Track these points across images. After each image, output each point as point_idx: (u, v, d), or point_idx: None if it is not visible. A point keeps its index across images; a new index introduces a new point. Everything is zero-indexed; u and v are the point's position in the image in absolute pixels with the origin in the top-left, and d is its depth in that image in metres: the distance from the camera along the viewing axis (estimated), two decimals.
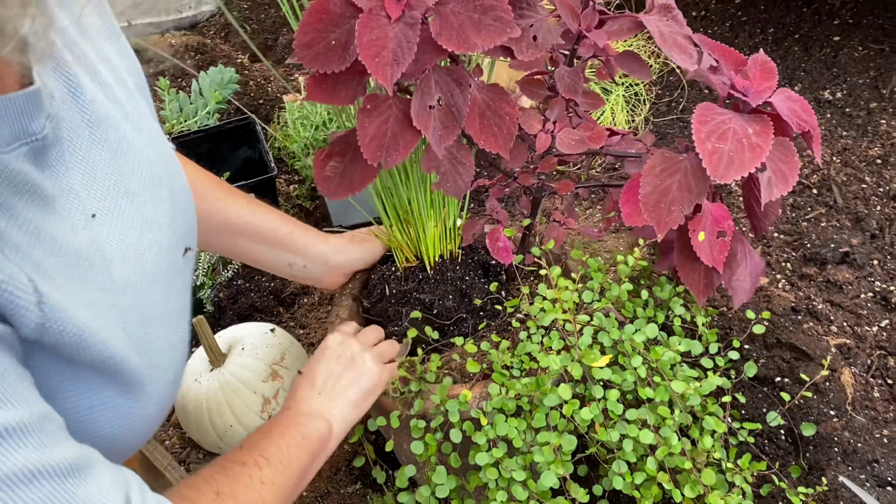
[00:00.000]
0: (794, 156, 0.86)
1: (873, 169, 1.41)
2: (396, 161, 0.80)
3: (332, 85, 0.81)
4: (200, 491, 0.69)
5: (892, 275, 1.26)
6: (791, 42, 1.66)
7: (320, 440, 0.84)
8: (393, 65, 0.72)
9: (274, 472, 0.76)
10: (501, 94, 0.82)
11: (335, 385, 0.90)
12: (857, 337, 1.19)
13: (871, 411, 1.08)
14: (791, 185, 0.85)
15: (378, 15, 0.74)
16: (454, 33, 0.73)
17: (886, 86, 1.51)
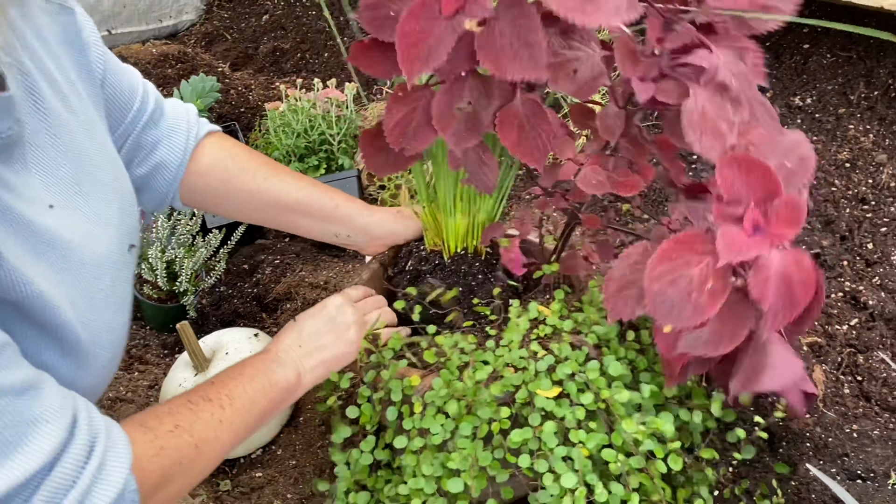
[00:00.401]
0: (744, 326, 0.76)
1: (842, 172, 1.45)
2: (416, 149, 0.84)
3: (375, 56, 0.83)
4: (161, 420, 0.74)
5: (862, 275, 1.30)
6: (762, 48, 1.70)
7: (287, 389, 0.90)
8: (425, 61, 0.73)
9: (234, 413, 0.81)
10: (542, 111, 0.83)
11: (316, 342, 0.95)
12: (827, 336, 1.22)
13: (841, 407, 1.12)
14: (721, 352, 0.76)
15: (431, 7, 0.74)
16: (492, 53, 0.74)
17: (854, 92, 1.55)
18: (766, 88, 1.64)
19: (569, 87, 0.81)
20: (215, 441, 0.78)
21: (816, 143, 1.51)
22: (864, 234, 1.36)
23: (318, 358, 0.95)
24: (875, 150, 1.46)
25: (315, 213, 1.07)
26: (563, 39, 0.79)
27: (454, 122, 0.81)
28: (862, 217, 1.38)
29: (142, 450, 0.69)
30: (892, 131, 1.48)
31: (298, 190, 1.05)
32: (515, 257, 0.99)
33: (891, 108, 1.51)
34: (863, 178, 1.43)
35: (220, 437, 0.79)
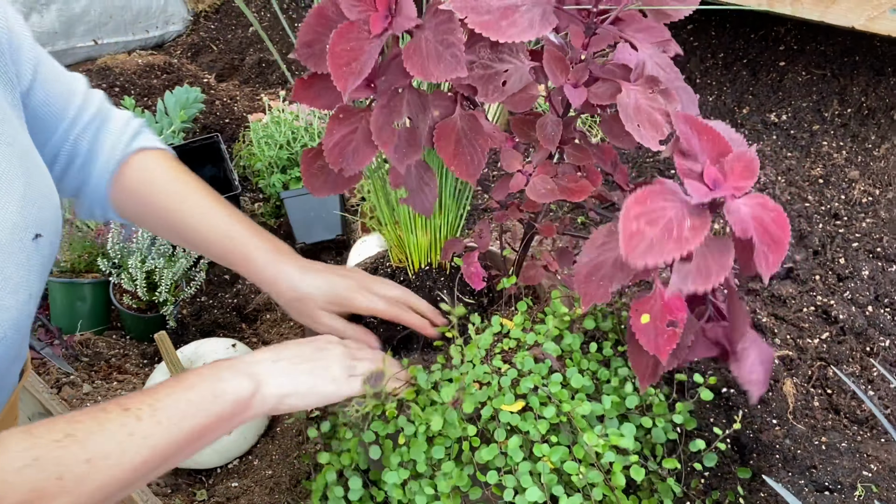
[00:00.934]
0: (728, 258, 0.78)
1: (816, 188, 1.48)
2: (355, 169, 0.84)
3: (317, 89, 0.85)
4: (52, 428, 0.66)
5: (833, 290, 1.32)
6: (740, 66, 1.73)
7: (236, 402, 0.77)
8: (356, 76, 0.76)
9: (154, 426, 0.71)
10: (479, 126, 0.86)
11: (294, 366, 0.85)
12: (798, 349, 1.24)
13: (810, 420, 1.13)
14: (712, 285, 0.77)
15: (360, 29, 0.77)
16: (419, 60, 0.76)
17: (828, 109, 1.58)
18: (744, 104, 1.67)
19: (498, 97, 0.83)
20: (119, 456, 0.68)
21: (791, 158, 1.53)
22: (836, 249, 1.38)
23: (290, 380, 0.84)
24: (848, 167, 1.49)
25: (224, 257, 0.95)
26: (492, 52, 0.81)
27: (394, 137, 0.83)
28: (834, 232, 1.41)
29: (8, 460, 0.62)
30: (865, 148, 1.51)
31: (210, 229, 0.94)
32: (475, 271, 1.00)
33: (863, 126, 1.54)
34: (835, 194, 1.46)
35: (126, 452, 0.68)
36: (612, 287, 0.85)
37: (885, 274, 1.33)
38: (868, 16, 1.33)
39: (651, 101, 0.83)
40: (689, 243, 0.74)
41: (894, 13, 1.30)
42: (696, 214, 0.77)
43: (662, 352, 0.85)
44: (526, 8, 0.76)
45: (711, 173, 0.80)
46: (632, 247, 0.74)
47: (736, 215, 0.78)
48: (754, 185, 1.49)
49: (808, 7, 1.38)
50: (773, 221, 0.79)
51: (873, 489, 1.02)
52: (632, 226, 0.75)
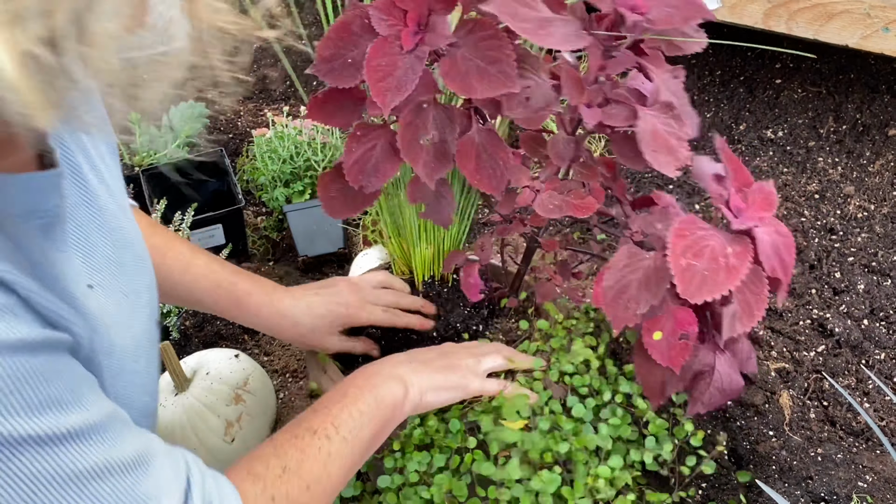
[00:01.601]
0: (764, 287, 0.80)
1: (812, 203, 1.50)
2: (376, 186, 0.86)
3: (332, 107, 0.86)
4: (269, 465, 0.70)
5: (829, 303, 1.34)
6: (737, 84, 1.75)
7: (394, 405, 0.82)
8: (395, 91, 0.77)
9: (342, 443, 0.75)
10: (498, 140, 0.87)
11: (424, 364, 0.88)
12: (795, 361, 1.25)
13: (806, 431, 1.14)
14: (757, 320, 0.79)
15: (392, 44, 0.78)
16: (459, 77, 0.77)
17: (823, 126, 1.60)
18: (741, 121, 1.69)
19: (522, 112, 0.84)
20: (327, 478, 0.73)
21: (787, 174, 1.56)
22: (832, 264, 1.40)
23: (429, 379, 0.87)
24: (843, 182, 1.51)
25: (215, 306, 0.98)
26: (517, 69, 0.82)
27: (423, 152, 0.84)
28: (830, 247, 1.43)
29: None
30: (860, 164, 1.53)
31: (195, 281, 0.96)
32: (473, 283, 1.01)
33: (858, 142, 1.56)
34: (831, 209, 1.48)
35: (330, 472, 0.74)
36: (640, 308, 0.86)
37: (881, 288, 1.34)
38: (861, 34, 1.35)
39: (666, 125, 0.84)
40: (738, 272, 0.76)
41: (887, 32, 1.33)
42: (735, 241, 0.79)
43: (676, 363, 0.87)
44: (560, 23, 0.79)
45: (736, 201, 0.83)
46: (686, 282, 0.76)
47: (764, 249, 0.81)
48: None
49: (803, 25, 1.40)
50: (785, 247, 0.83)
51: (868, 500, 1.03)
52: (681, 262, 0.77)
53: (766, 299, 0.79)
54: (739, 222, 0.78)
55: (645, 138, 0.79)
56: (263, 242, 1.74)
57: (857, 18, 1.34)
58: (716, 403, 0.93)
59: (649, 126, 0.80)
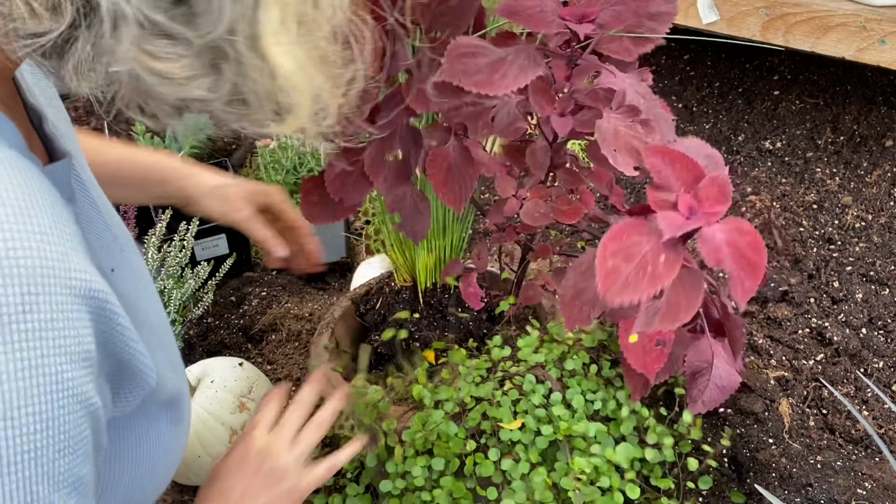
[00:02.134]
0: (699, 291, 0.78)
1: (810, 214, 1.51)
2: (354, 200, 0.88)
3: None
4: None
5: (828, 312, 1.35)
6: (735, 95, 1.77)
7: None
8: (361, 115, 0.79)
9: None
10: (469, 157, 0.89)
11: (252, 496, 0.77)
12: (794, 370, 1.26)
13: (806, 439, 1.15)
14: (680, 323, 0.77)
15: None
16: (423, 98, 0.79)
17: (821, 137, 1.62)
18: (739, 132, 1.71)
19: (487, 133, 0.86)
20: None
21: (785, 184, 1.57)
22: (830, 273, 1.41)
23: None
24: (841, 193, 1.53)
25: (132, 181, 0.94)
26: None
27: (384, 169, 0.85)
28: (828, 256, 1.44)
29: None
30: (857, 175, 1.55)
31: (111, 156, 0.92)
32: (473, 292, 1.03)
33: (856, 153, 1.57)
34: (829, 219, 1.49)
35: None
36: (593, 313, 0.88)
37: (879, 297, 1.35)
38: (858, 47, 1.37)
39: (630, 128, 0.86)
40: (661, 280, 0.75)
41: (883, 44, 1.35)
42: (671, 248, 0.77)
43: (650, 370, 0.88)
44: (512, 58, 0.79)
45: (686, 201, 0.80)
46: (607, 284, 0.75)
47: (710, 244, 0.78)
48: (750, 210, 1.53)
49: (800, 38, 1.42)
50: (748, 246, 0.78)
51: None
52: (608, 263, 0.76)
53: (697, 303, 0.77)
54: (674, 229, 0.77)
55: (606, 138, 0.80)
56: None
57: (854, 31, 1.36)
58: (716, 401, 0.93)
59: (611, 127, 0.82)
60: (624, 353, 0.87)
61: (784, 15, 1.43)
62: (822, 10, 1.39)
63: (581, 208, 0.98)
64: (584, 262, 0.89)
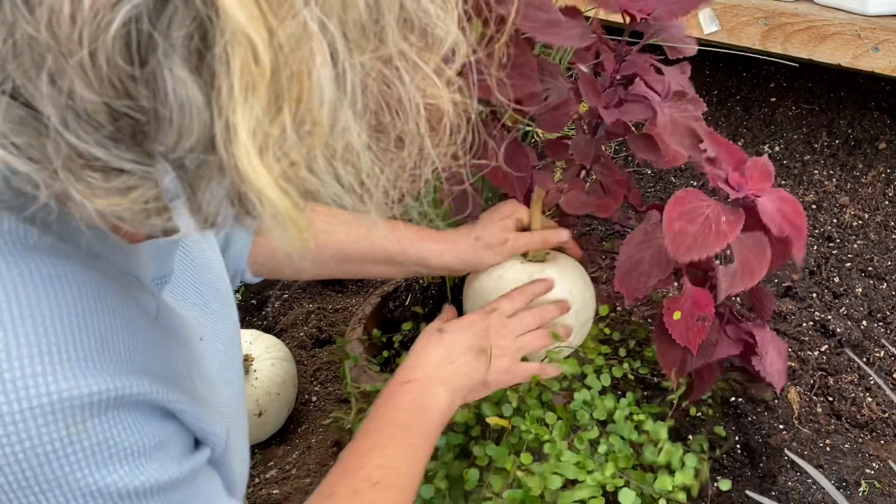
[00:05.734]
0: (766, 251, 0.86)
1: (809, 213, 1.58)
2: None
3: None
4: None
5: (830, 306, 1.41)
6: (733, 102, 1.85)
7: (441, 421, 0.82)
8: None
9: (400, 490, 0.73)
10: (520, 147, 0.95)
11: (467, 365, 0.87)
12: (800, 360, 1.33)
13: (814, 424, 1.21)
14: (756, 280, 0.85)
15: None
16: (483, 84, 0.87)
17: (818, 141, 1.70)
18: (738, 138, 1.78)
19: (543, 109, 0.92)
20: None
21: (785, 186, 1.64)
22: (830, 269, 1.48)
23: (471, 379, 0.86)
24: (838, 193, 1.60)
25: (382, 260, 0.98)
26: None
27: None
28: (828, 253, 1.51)
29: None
30: (853, 176, 1.62)
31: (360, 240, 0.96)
32: None
33: (851, 156, 1.65)
34: (828, 219, 1.56)
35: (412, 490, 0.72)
36: (650, 282, 0.95)
37: (877, 291, 1.42)
38: (853, 54, 1.45)
39: (683, 112, 0.92)
40: (727, 237, 0.83)
41: (877, 52, 1.42)
42: (731, 211, 0.86)
43: (693, 343, 0.94)
44: (567, 25, 0.88)
45: (735, 178, 0.90)
46: (677, 244, 0.83)
47: (768, 214, 0.88)
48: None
49: (798, 47, 1.50)
50: (793, 212, 0.90)
51: (876, 485, 1.09)
52: (674, 225, 0.84)
53: (767, 260, 0.85)
54: (737, 194, 0.86)
55: (667, 129, 0.87)
56: None
57: (849, 39, 1.44)
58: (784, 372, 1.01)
59: (668, 118, 0.88)
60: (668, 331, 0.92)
61: (783, 24, 1.50)
62: (819, 19, 1.47)
63: (612, 203, 1.04)
64: (638, 236, 0.94)
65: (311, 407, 1.37)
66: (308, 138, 0.36)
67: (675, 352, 0.96)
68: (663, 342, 0.96)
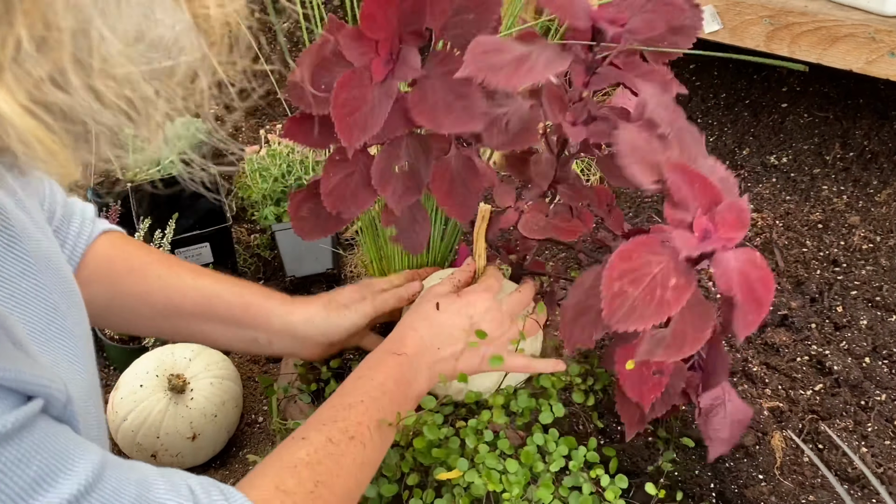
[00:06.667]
0: (707, 324, 0.74)
1: (814, 233, 1.44)
2: (355, 213, 0.85)
3: (309, 127, 0.83)
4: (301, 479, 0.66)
5: (829, 339, 1.28)
6: (741, 107, 1.70)
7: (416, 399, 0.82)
8: (363, 129, 0.75)
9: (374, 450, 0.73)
10: (473, 167, 0.85)
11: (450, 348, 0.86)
12: (790, 400, 1.19)
13: (798, 476, 1.08)
14: (684, 355, 0.73)
15: (362, 75, 0.76)
16: (427, 109, 0.75)
17: (830, 153, 1.55)
18: (744, 146, 1.64)
19: (503, 140, 0.81)
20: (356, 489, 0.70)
21: (790, 202, 1.50)
22: (834, 297, 1.34)
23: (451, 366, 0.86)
24: (848, 212, 1.45)
25: (219, 316, 0.89)
26: (490, 101, 0.79)
27: (393, 181, 0.82)
28: (833, 279, 1.37)
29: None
30: (867, 193, 1.47)
31: (197, 289, 0.88)
32: None
33: (865, 171, 1.50)
34: (835, 240, 1.42)
35: (360, 482, 0.72)
36: (596, 334, 0.83)
37: (885, 324, 1.28)
38: (866, 59, 1.30)
39: (647, 142, 0.80)
40: (670, 307, 0.70)
41: (893, 56, 1.28)
42: (682, 272, 0.73)
43: (646, 400, 0.84)
44: (537, 53, 0.75)
45: (702, 224, 0.76)
46: (612, 309, 0.71)
47: (723, 268, 0.74)
48: (752, 228, 1.46)
49: (806, 49, 1.35)
50: (758, 280, 0.75)
51: None
52: (614, 286, 0.71)
53: (705, 337, 0.72)
54: (691, 248, 0.72)
55: (624, 150, 0.75)
56: (255, 261, 1.72)
57: (863, 42, 1.29)
58: (736, 437, 0.89)
59: (629, 137, 0.77)
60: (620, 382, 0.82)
61: (789, 24, 1.36)
62: (830, 19, 1.32)
63: (580, 227, 0.93)
64: (588, 279, 0.84)
65: (255, 429, 1.28)
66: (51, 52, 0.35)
67: (633, 404, 0.85)
68: (621, 391, 0.85)
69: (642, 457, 1.04)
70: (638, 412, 0.88)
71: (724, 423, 0.86)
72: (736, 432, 0.87)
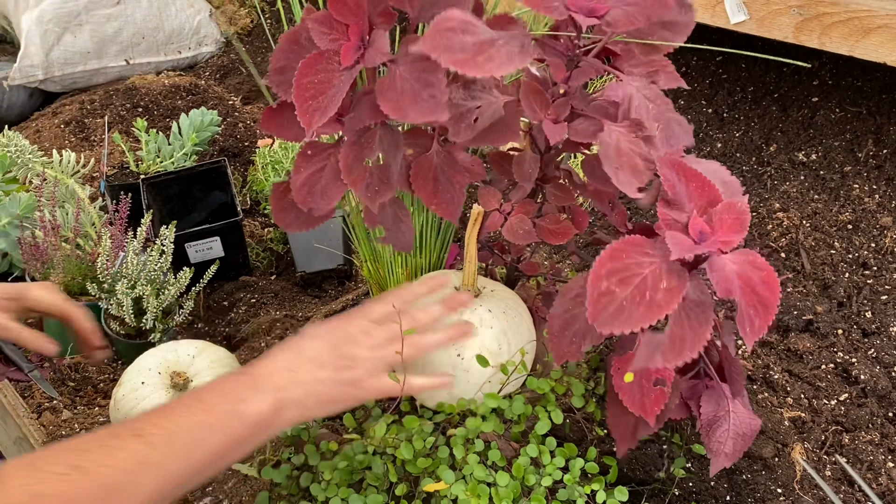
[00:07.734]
0: (707, 326, 0.69)
1: (843, 234, 1.37)
2: (325, 208, 0.80)
3: (284, 119, 0.79)
4: (56, 460, 0.63)
5: (857, 346, 1.22)
6: (770, 101, 1.64)
7: (258, 423, 0.73)
8: (321, 112, 0.71)
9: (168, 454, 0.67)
10: (456, 162, 0.81)
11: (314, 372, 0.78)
12: (813, 410, 1.14)
13: (819, 491, 1.03)
14: (684, 360, 0.68)
15: (330, 59, 0.72)
16: (394, 98, 0.70)
17: (862, 149, 1.48)
18: (772, 142, 1.57)
19: (468, 135, 0.76)
20: (134, 488, 0.64)
21: (818, 201, 1.43)
22: (862, 302, 1.28)
23: (311, 390, 0.77)
24: (880, 212, 1.38)
25: None
26: (464, 91, 0.74)
27: (365, 175, 0.77)
28: (862, 283, 1.30)
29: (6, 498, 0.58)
30: None
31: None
32: None
33: None
34: (865, 242, 1.35)
35: (140, 482, 0.65)
36: (585, 346, 0.78)
37: None
38: None
39: (633, 144, 0.75)
40: (661, 309, 0.66)
41: None
42: (675, 274, 0.68)
43: (650, 413, 0.78)
44: (503, 42, 0.69)
45: (697, 225, 0.72)
46: (598, 310, 0.66)
47: (720, 273, 0.69)
48: (777, 229, 1.40)
49: (837, 41, 1.29)
50: (762, 282, 0.70)
51: None
52: (601, 285, 0.67)
53: (706, 339, 0.67)
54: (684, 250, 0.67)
55: (608, 154, 0.71)
56: (268, 255, 1.70)
57: None
58: (740, 452, 0.84)
59: (613, 142, 0.72)
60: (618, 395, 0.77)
61: (820, 15, 1.29)
62: (863, 10, 1.25)
63: (571, 229, 0.88)
64: (575, 287, 0.79)
65: None
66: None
67: (627, 417, 0.80)
68: (616, 405, 0.80)
69: (655, 465, 1.00)
70: (631, 427, 0.84)
71: (727, 435, 0.81)
72: (739, 446, 0.82)
